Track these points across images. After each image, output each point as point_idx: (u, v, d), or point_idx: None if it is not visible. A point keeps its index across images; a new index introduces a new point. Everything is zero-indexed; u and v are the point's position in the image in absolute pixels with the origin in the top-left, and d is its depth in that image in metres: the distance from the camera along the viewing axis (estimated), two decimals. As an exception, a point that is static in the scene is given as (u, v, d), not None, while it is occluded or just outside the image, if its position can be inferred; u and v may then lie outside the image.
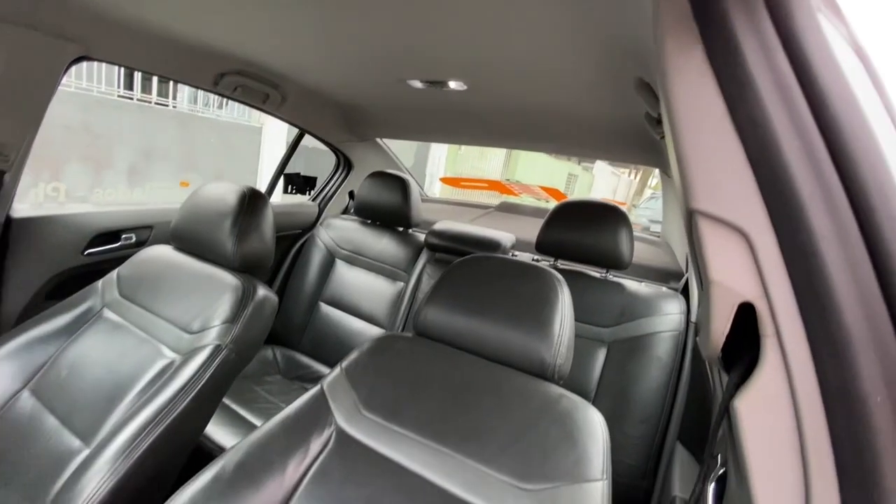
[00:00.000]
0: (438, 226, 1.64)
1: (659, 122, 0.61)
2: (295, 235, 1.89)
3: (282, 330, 1.70)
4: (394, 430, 0.68)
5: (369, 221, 1.81)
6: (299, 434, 0.69)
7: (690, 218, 0.29)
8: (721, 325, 0.29)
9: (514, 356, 0.73)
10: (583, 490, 0.57)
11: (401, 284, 1.63)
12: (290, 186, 1.90)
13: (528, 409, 0.67)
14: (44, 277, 1.15)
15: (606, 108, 1.09)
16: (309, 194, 2.00)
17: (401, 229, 1.77)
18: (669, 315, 1.22)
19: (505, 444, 0.64)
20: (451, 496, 0.60)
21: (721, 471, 0.52)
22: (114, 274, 1.07)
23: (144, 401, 0.81)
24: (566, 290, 0.77)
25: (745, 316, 0.28)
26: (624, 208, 1.31)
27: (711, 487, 0.50)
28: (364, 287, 1.68)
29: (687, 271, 1.42)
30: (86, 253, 1.22)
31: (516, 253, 1.60)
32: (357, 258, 1.72)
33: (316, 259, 1.77)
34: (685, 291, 1.34)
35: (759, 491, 0.25)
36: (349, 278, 1.72)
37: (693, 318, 1.22)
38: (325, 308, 1.71)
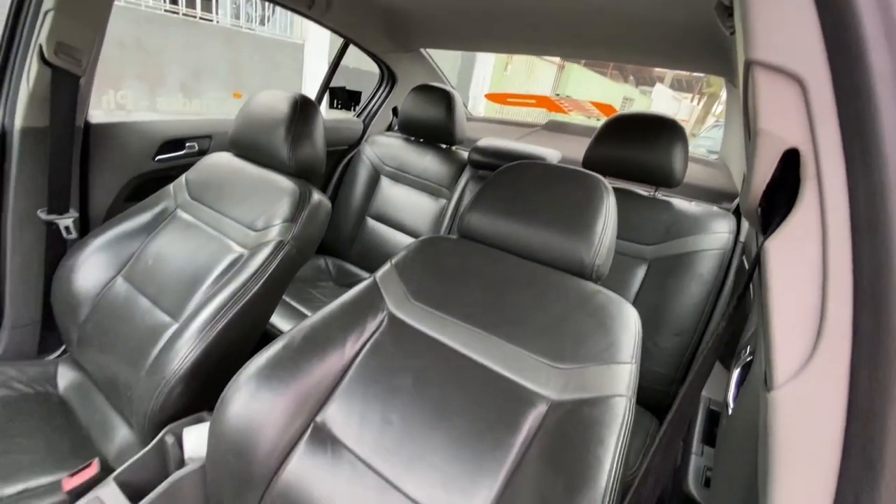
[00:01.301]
0: (482, 142, 1.62)
1: (730, 13, 0.56)
2: (342, 151, 1.93)
3: (333, 241, 1.80)
4: (439, 315, 0.75)
5: (413, 139, 1.81)
6: (356, 316, 0.77)
7: (747, 71, 0.29)
8: (764, 173, 0.29)
9: (554, 256, 0.76)
10: (611, 370, 0.62)
11: (443, 201, 1.66)
12: (335, 101, 1.90)
13: (564, 301, 0.71)
14: (122, 181, 1.26)
15: (672, 2, 1.00)
16: (353, 110, 2.00)
17: (444, 147, 1.76)
18: (717, 234, 1.20)
19: (541, 330, 0.69)
20: (489, 371, 0.67)
21: (749, 359, 0.55)
22: (183, 178, 1.16)
23: (220, 287, 0.92)
24: (611, 195, 0.77)
25: (786, 168, 0.29)
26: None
27: (736, 372, 0.53)
28: (408, 203, 1.72)
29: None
30: (156, 159, 1.32)
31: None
32: (401, 175, 1.75)
33: (362, 175, 1.82)
34: (738, 212, 1.30)
35: (777, 313, 0.27)
36: (393, 195, 1.76)
37: (742, 237, 1.19)
38: (372, 222, 1.78)
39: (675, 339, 1.18)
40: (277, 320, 1.32)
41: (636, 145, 1.24)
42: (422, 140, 1.80)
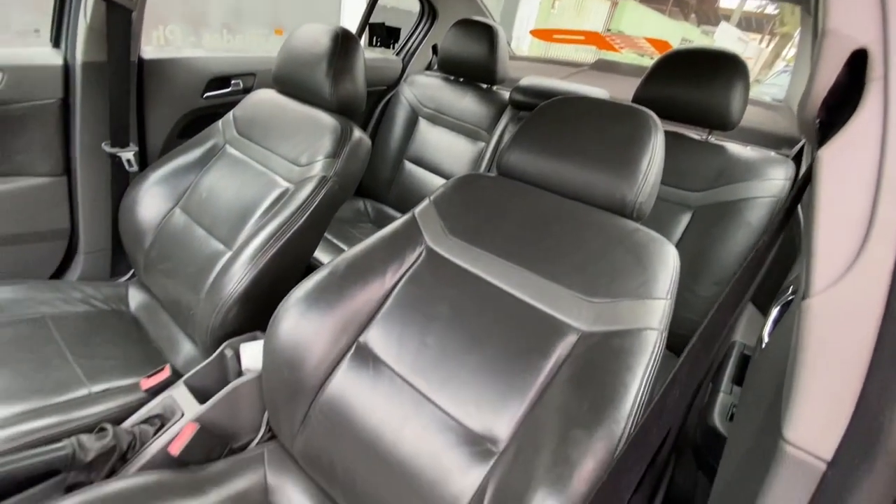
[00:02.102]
0: (524, 81, 1.56)
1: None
2: (380, 92, 1.91)
3: (371, 184, 1.83)
4: (475, 249, 0.76)
5: (452, 78, 1.76)
6: (395, 248, 0.80)
7: None
8: (827, 78, 0.28)
9: (594, 193, 0.75)
10: (645, 305, 0.63)
11: (482, 144, 1.64)
12: (373, 39, 1.86)
13: (602, 238, 0.71)
14: (175, 117, 1.32)
15: None
16: (393, 48, 1.96)
17: (485, 87, 1.71)
18: (772, 180, 1.13)
19: (576, 265, 0.69)
20: (522, 302, 0.69)
21: (790, 298, 0.54)
22: (230, 115, 1.20)
23: (268, 219, 0.97)
24: (660, 132, 0.74)
25: (851, 74, 0.27)
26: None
27: (776, 310, 0.52)
28: (445, 147, 1.71)
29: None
30: (204, 96, 1.36)
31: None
32: (439, 117, 1.73)
33: (400, 117, 1.80)
34: (798, 157, 1.21)
35: (824, 219, 0.27)
36: (431, 137, 1.75)
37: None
38: (410, 166, 1.79)
39: (714, 288, 1.16)
40: (321, 255, 1.39)
41: (691, 84, 1.16)
42: (462, 79, 1.75)
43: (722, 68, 1.13)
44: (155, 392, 0.81)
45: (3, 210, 1.11)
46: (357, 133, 1.06)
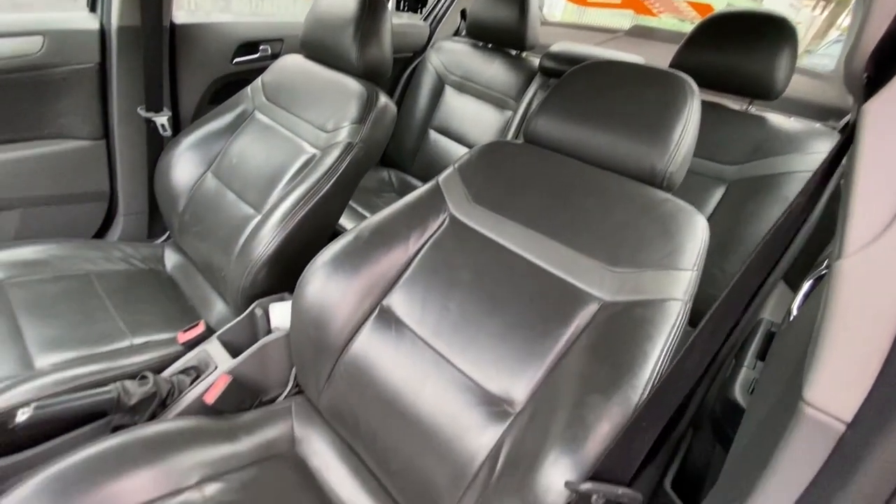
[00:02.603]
0: (555, 47, 1.50)
1: None
2: (406, 59, 1.88)
3: (395, 153, 1.83)
4: (498, 217, 0.76)
5: (481, 44, 1.72)
6: (419, 215, 0.81)
7: None
8: (877, 29, 0.26)
9: (623, 161, 0.73)
10: (670, 275, 0.62)
11: (509, 113, 1.60)
12: (401, 2, 1.82)
13: (629, 208, 0.69)
14: (206, 83, 1.34)
15: None
16: (420, 13, 1.91)
17: (514, 53, 1.66)
18: (815, 154, 1.08)
19: (601, 235, 0.69)
20: (544, 271, 0.69)
21: (823, 272, 0.52)
22: (259, 81, 1.21)
23: (296, 184, 0.99)
24: (696, 98, 0.71)
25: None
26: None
27: (808, 284, 0.51)
28: (471, 115, 1.68)
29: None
30: (234, 62, 1.37)
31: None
32: (466, 84, 1.69)
33: (426, 85, 1.78)
34: (845, 130, 1.14)
35: (864, 177, 0.25)
36: (457, 105, 1.72)
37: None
38: (435, 135, 1.77)
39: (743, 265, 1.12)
40: (346, 222, 1.41)
41: (733, 49, 1.10)
42: (490, 46, 1.70)
43: (768, 33, 1.06)
44: (190, 346, 0.86)
45: (49, 171, 1.17)
46: (383, 99, 1.05)
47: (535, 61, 1.59)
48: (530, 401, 0.61)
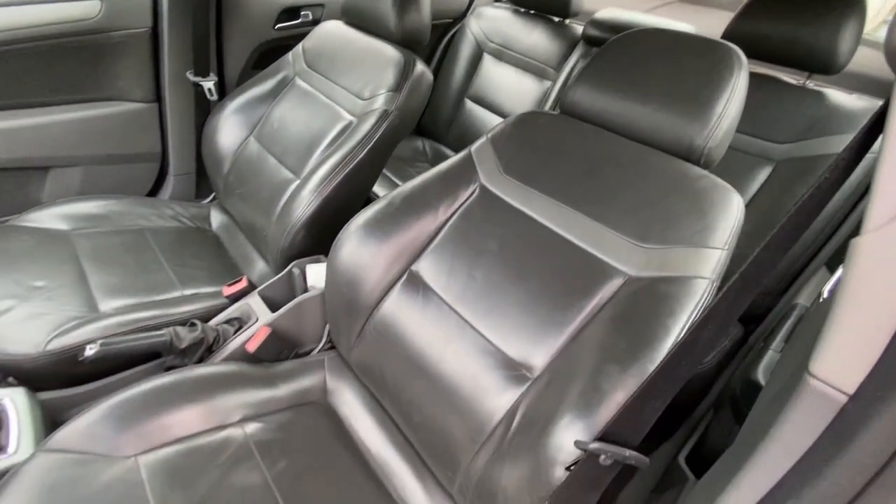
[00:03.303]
0: (600, 14, 1.44)
1: None
2: (445, 25, 1.85)
3: (430, 123, 1.83)
4: (528, 189, 0.77)
5: (522, 10, 1.66)
6: (450, 184, 0.82)
7: None
8: None
9: (660, 135, 0.71)
10: (699, 253, 0.61)
11: (548, 84, 1.56)
12: (443, -34, 1.77)
13: (662, 183, 0.68)
14: (250, 48, 1.37)
15: None
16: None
17: (557, 20, 1.60)
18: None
19: (630, 210, 0.68)
20: (571, 244, 0.70)
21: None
22: (300, 47, 1.23)
23: (332, 150, 1.02)
24: (744, 71, 0.68)
25: None
26: (870, 26, 0.97)
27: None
28: (509, 84, 1.65)
29: None
30: (276, 27, 1.39)
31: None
32: (505, 52, 1.65)
33: (465, 52, 1.75)
34: None
35: (889, 154, 0.25)
36: (495, 75, 1.69)
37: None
38: (470, 105, 1.75)
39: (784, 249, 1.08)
40: (379, 190, 1.44)
41: (794, 18, 1.02)
42: (532, 12, 1.64)
43: (833, 0, 0.98)
44: (234, 299, 0.93)
45: (107, 132, 1.25)
46: (420, 66, 1.05)
47: (579, 29, 1.53)
48: (548, 368, 0.63)
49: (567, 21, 1.60)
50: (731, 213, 0.64)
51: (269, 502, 0.64)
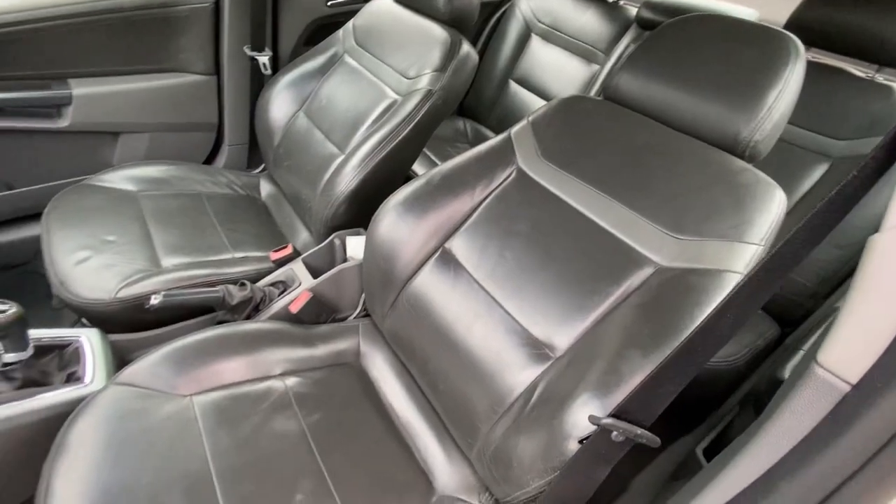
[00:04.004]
0: (658, -4, 1.39)
1: None
2: (495, 4, 1.82)
3: (473, 103, 1.83)
4: (565, 175, 0.78)
5: (575, -10, 1.62)
6: (487, 166, 0.84)
7: None
8: None
9: (705, 126, 0.70)
10: (733, 248, 0.61)
11: (596, 68, 1.53)
12: (496, -57, 1.74)
13: (702, 175, 0.68)
14: (303, 25, 1.42)
15: None
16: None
17: (610, 0, 1.55)
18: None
19: (667, 200, 0.68)
20: (604, 230, 0.71)
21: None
22: (350, 24, 1.26)
23: (376, 128, 1.06)
24: (800, 62, 0.65)
25: None
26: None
27: None
28: (556, 67, 1.62)
29: None
30: (329, 4, 1.43)
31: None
32: (553, 34, 1.63)
33: (512, 32, 1.73)
34: None
35: None
36: (542, 56, 1.66)
37: None
38: (515, 86, 1.74)
39: (834, 251, 1.04)
40: (418, 168, 1.47)
41: (865, 6, 0.96)
42: (585, -7, 1.60)
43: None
44: (280, 264, 1.00)
45: (171, 101, 1.33)
46: (465, 47, 1.06)
47: (633, 11, 1.48)
48: (570, 349, 0.66)
49: (621, 2, 1.55)
50: (771, 208, 0.63)
51: (304, 448, 0.70)
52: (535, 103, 1.67)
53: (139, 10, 1.19)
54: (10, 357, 0.70)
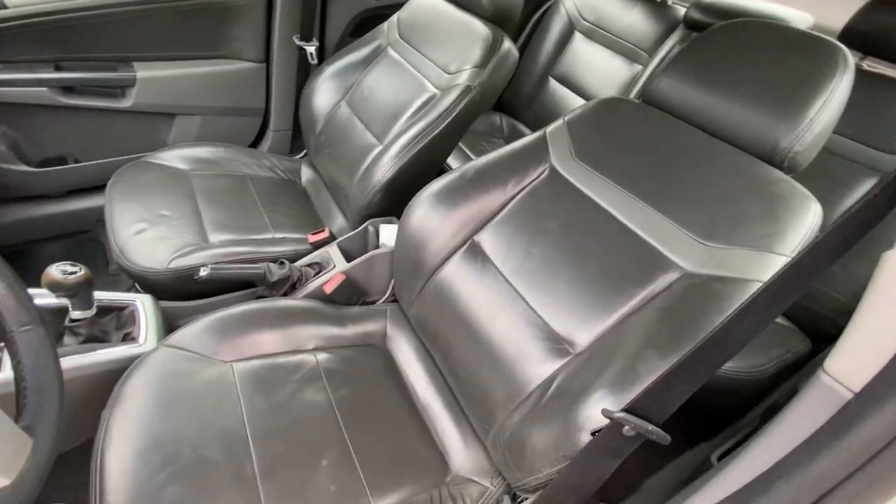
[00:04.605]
0: (708, -4, 1.35)
1: None
2: (539, 1, 1.82)
3: (511, 99, 1.83)
4: (597, 175, 0.79)
5: (623, -12, 1.59)
6: (521, 163, 0.86)
7: None
8: None
9: (743, 134, 0.69)
10: (762, 257, 0.61)
11: (638, 68, 1.51)
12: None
13: (737, 184, 0.67)
14: (349, 17, 1.47)
15: None
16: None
17: (658, 0, 1.52)
18: None
19: (699, 207, 0.68)
20: (631, 232, 0.72)
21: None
22: (395, 17, 1.29)
23: (414, 121, 1.09)
24: (849, 73, 0.64)
25: None
26: None
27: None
28: (597, 66, 1.60)
29: None
30: (375, -4, 1.47)
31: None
32: (597, 31, 1.61)
33: (555, 29, 1.72)
34: None
35: None
36: (584, 54, 1.65)
37: None
38: (554, 84, 1.73)
39: (872, 266, 1.00)
40: (452, 161, 1.50)
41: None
42: (633, -10, 1.57)
43: None
44: (316, 246, 1.05)
45: (223, 86, 1.41)
46: (507, 44, 1.08)
47: (682, 11, 1.45)
48: (590, 346, 0.67)
49: (669, 1, 1.51)
50: (805, 220, 0.62)
51: (331, 419, 0.75)
52: (574, 101, 1.66)
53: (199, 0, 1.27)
54: (76, 314, 0.78)
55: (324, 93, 1.32)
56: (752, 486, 0.32)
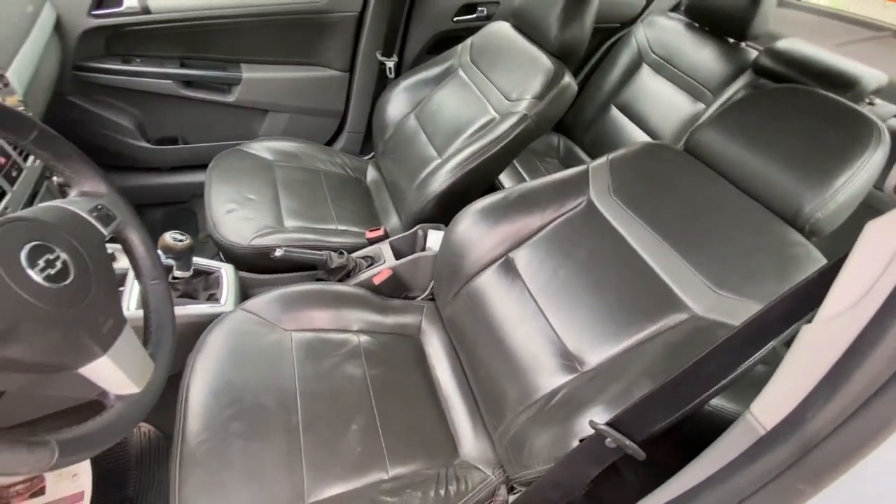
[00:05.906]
0: (781, 44, 1.35)
1: None
2: (611, 29, 1.86)
3: (571, 121, 1.89)
4: (630, 214, 0.86)
5: (697, 25, 1.61)
6: (562, 192, 0.95)
7: None
8: None
9: (772, 195, 0.74)
10: (765, 311, 0.66)
11: (701, 107, 1.52)
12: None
13: (757, 241, 0.72)
14: (428, 36, 1.60)
15: None
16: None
17: (731, 42, 1.53)
18: None
19: (718, 257, 0.74)
20: (651, 270, 0.78)
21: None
22: (469, 41, 1.41)
23: (472, 140, 1.20)
24: (880, 150, 0.67)
25: None
26: None
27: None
28: (661, 100, 1.63)
29: None
30: (454, 20, 1.59)
31: (876, 101, 1.22)
32: (665, 66, 1.63)
33: (624, 59, 1.76)
34: None
35: (854, 259, 0.32)
36: (649, 87, 1.68)
37: None
38: (615, 112, 1.77)
39: None
40: (504, 178, 1.60)
41: None
42: (707, 28, 1.58)
43: None
44: (372, 241, 1.19)
45: (310, 90, 1.60)
46: (567, 79, 1.16)
47: (753, 54, 1.45)
48: (597, 367, 0.75)
49: (743, 44, 1.51)
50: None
51: (364, 392, 0.88)
52: (633, 131, 1.70)
53: (300, 14, 1.45)
54: (178, 273, 0.96)
55: (396, 104, 1.47)
56: (682, 499, 0.39)
